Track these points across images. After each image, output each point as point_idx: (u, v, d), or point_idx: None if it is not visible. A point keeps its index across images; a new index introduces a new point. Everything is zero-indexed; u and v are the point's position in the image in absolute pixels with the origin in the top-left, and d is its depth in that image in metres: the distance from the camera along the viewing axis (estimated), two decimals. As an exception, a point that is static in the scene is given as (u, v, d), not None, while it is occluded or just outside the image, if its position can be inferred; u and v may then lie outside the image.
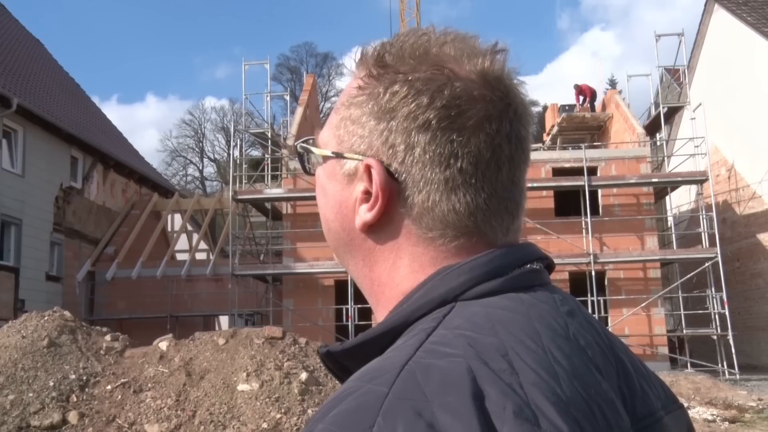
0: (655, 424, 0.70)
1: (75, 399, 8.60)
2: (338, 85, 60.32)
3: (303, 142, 0.82)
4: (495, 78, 0.73)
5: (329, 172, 0.78)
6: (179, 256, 24.40)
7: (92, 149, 22.70)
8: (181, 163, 57.58)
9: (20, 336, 9.51)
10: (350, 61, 0.80)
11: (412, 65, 0.72)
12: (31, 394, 8.45)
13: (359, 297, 19.33)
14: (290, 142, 20.75)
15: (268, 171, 22.19)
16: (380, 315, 0.75)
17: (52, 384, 8.72)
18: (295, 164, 20.01)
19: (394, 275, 0.74)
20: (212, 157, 57.50)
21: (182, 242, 25.51)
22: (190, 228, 26.20)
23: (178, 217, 26.10)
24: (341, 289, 19.54)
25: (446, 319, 0.66)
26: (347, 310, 18.78)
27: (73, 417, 8.22)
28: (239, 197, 19.64)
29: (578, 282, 19.05)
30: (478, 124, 0.70)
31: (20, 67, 22.63)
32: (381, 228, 0.74)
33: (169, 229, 26.65)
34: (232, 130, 23.79)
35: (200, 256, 24.42)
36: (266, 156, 22.37)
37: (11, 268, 18.63)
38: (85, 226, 22.32)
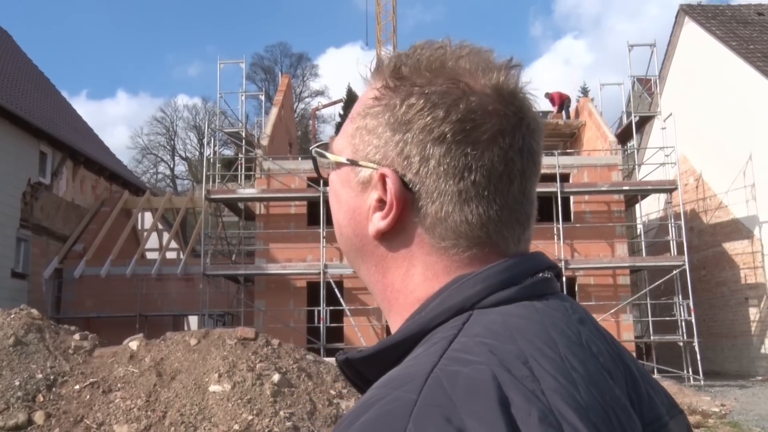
0: (661, 429, 0.72)
1: (42, 399, 8.45)
2: (312, 86, 60.08)
3: (318, 146, 0.84)
4: (509, 93, 0.75)
5: (343, 179, 0.80)
6: (149, 255, 24.11)
7: (62, 145, 22.32)
8: (152, 160, 56.95)
9: (-15, 334, 9.33)
10: (365, 70, 0.82)
11: (428, 78, 0.74)
12: (-5, 394, 8.29)
13: (331, 299, 19.30)
14: (264, 142, 20.64)
15: (241, 171, 22.06)
16: (393, 321, 0.77)
17: (17, 383, 8.56)
18: (269, 164, 19.93)
19: (408, 282, 0.75)
20: (184, 155, 56.98)
21: (153, 241, 25.21)
22: (161, 227, 25.90)
23: (148, 215, 25.80)
24: (313, 290, 19.49)
25: (465, 327, 0.67)
26: (319, 312, 18.73)
27: (39, 417, 8.09)
28: (212, 197, 19.49)
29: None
30: (493, 138, 0.72)
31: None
32: (394, 236, 0.76)
33: (140, 227, 26.32)
34: (205, 128, 23.63)
35: (171, 255, 24.16)
36: (240, 156, 22.23)
37: (-25, 264, 18.25)
38: (53, 222, 21.93)
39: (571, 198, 20.15)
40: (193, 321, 22.64)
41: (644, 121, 22.70)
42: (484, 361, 0.62)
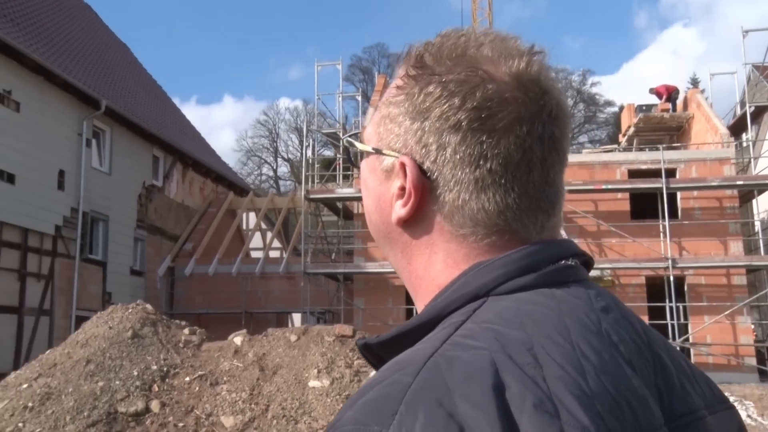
0: (695, 422, 0.70)
1: (156, 389, 8.97)
2: (410, 86, 60.39)
3: (349, 136, 0.86)
4: (530, 80, 0.74)
5: (370, 166, 0.81)
6: (254, 254, 25.02)
7: (172, 148, 23.56)
8: (256, 162, 58.95)
9: (107, 327, 9.99)
10: (397, 59, 0.83)
11: (448, 66, 0.74)
12: (117, 382, 8.86)
13: (429, 297, 19.32)
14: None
15: (339, 171, 22.48)
16: (419, 307, 0.78)
17: (136, 373, 9.11)
18: (367, 164, 20.22)
19: (430, 269, 0.76)
20: (286, 156, 58.63)
21: (256, 240, 26.14)
22: (264, 226, 26.81)
23: (252, 215, 26.76)
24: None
25: (476, 313, 0.68)
26: (416, 310, 18.81)
27: (155, 406, 8.58)
28: (311, 196, 19.97)
29: (655, 287, 18.48)
30: (508, 126, 0.72)
31: (108, 70, 23.71)
32: (416, 223, 0.76)
33: (244, 227, 27.36)
34: (304, 130, 24.23)
35: (274, 254, 24.95)
36: (338, 156, 22.66)
37: (99, 262, 19.57)
38: (166, 222, 23.19)
39: (678, 194, 19.23)
40: (296, 318, 23.31)
41: (761, 112, 21.38)
42: (485, 346, 0.63)
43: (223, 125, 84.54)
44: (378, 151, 0.79)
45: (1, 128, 15.95)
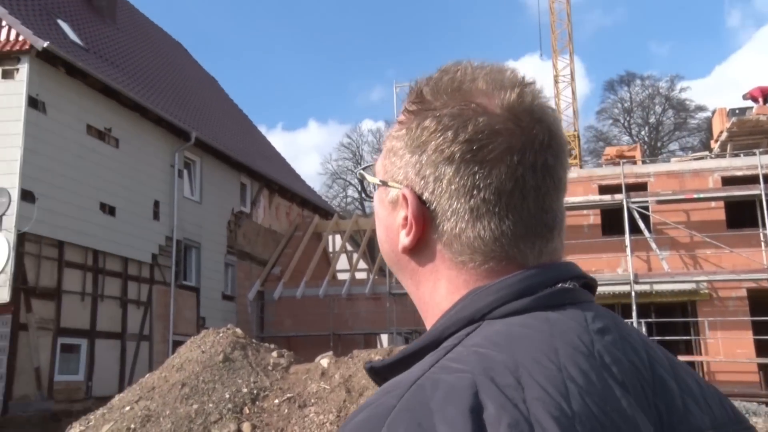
0: None
1: (247, 411, 9.23)
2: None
3: (363, 169, 0.89)
4: (522, 110, 0.76)
5: (380, 198, 0.85)
6: (340, 276, 25.39)
7: (259, 175, 24.36)
8: (341, 185, 59.96)
9: (200, 351, 10.39)
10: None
11: (444, 101, 0.78)
12: (210, 405, 9.18)
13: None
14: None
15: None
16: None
17: (227, 396, 9.42)
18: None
19: (435, 295, 0.79)
20: (369, 178, 59.23)
21: (342, 262, 26.53)
22: (349, 248, 27.20)
23: (338, 237, 27.20)
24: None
25: (468, 337, 0.70)
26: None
27: (246, 428, 8.83)
28: (394, 217, 20.09)
29: (759, 299, 17.50)
30: (499, 157, 0.74)
31: (198, 102, 24.85)
32: (420, 252, 0.79)
33: (330, 249, 27.84)
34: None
35: (360, 275, 25.25)
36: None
37: (193, 288, 20.40)
38: (254, 248, 23.93)
39: (779, 201, 18.21)
40: (384, 339, 23.42)
41: None
42: (468, 369, 0.65)
43: (308, 150, 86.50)
44: (384, 183, 0.83)
45: (103, 164, 16.97)
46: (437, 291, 0.79)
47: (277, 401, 9.30)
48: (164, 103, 20.37)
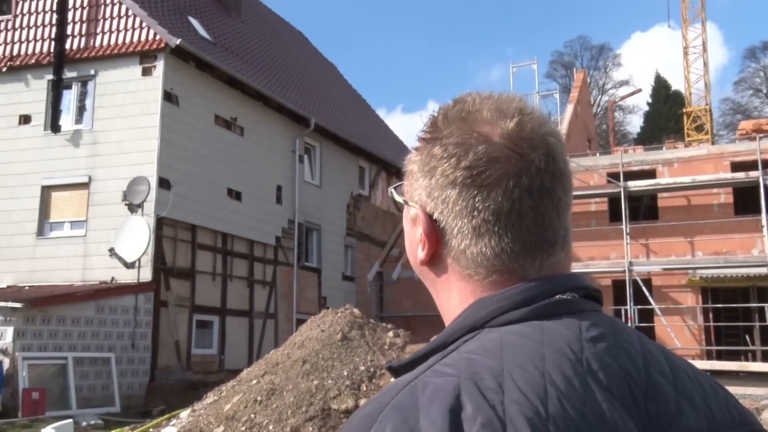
0: None
1: (364, 388, 9.58)
2: (616, 77, 57.03)
3: (394, 188, 0.98)
4: (520, 138, 0.83)
5: (405, 214, 0.93)
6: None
7: (377, 158, 24.83)
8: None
9: (320, 330, 10.86)
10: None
11: (451, 129, 0.86)
12: (330, 381, 9.59)
13: (639, 298, 18.41)
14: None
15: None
16: None
17: (345, 373, 9.80)
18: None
19: (449, 303, 0.87)
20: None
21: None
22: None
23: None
24: (619, 289, 18.78)
25: (465, 344, 0.77)
26: (626, 311, 18.00)
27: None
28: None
29: None
30: (496, 182, 0.81)
31: (318, 89, 25.62)
32: (435, 264, 0.88)
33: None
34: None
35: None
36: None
37: (315, 269, 21.23)
38: (373, 230, 24.49)
39: None
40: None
41: None
42: (456, 373, 0.72)
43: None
44: (405, 203, 0.92)
45: (230, 152, 17.97)
46: (451, 299, 0.87)
47: (392, 380, 9.59)
48: (285, 91, 21.18)
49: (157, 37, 16.47)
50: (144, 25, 16.73)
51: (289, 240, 19.90)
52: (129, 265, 15.37)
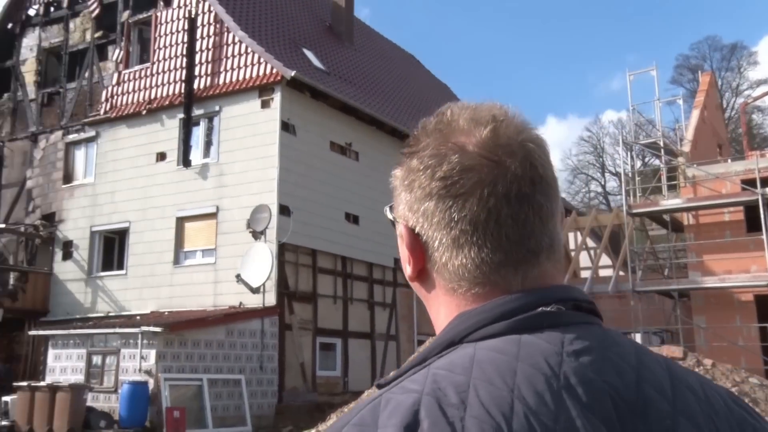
0: None
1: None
2: (752, 77, 53.29)
3: (389, 206, 0.95)
4: (495, 145, 0.81)
5: (396, 231, 0.92)
6: (583, 274, 24.62)
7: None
8: (583, 180, 57.90)
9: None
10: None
11: (428, 142, 0.85)
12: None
13: (786, 313, 17.01)
14: (686, 148, 19.44)
15: (664, 181, 21.10)
16: None
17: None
18: (693, 171, 18.68)
19: (439, 318, 0.85)
20: (613, 171, 56.59)
21: (584, 259, 25.70)
22: (591, 244, 26.27)
23: (578, 234, 26.40)
24: (763, 305, 17.43)
25: (439, 360, 0.76)
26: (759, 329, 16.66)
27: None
28: (634, 211, 19.08)
29: None
30: (470, 191, 0.80)
31: (431, 110, 25.33)
32: (424, 280, 0.86)
33: (571, 246, 27.10)
34: (620, 143, 23.31)
35: (604, 272, 24.26)
36: (661, 166, 21.31)
37: (433, 288, 21.25)
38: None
39: None
40: (638, 338, 22.24)
41: None
42: (419, 389, 0.71)
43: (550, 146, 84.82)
44: (394, 220, 0.91)
45: (346, 176, 18.47)
46: (440, 314, 0.85)
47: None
48: (399, 114, 21.54)
49: (274, 71, 17.29)
50: (262, 60, 17.63)
51: (407, 261, 20.07)
52: (254, 290, 16.09)
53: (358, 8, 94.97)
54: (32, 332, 17.13)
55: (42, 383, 14.19)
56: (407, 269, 0.87)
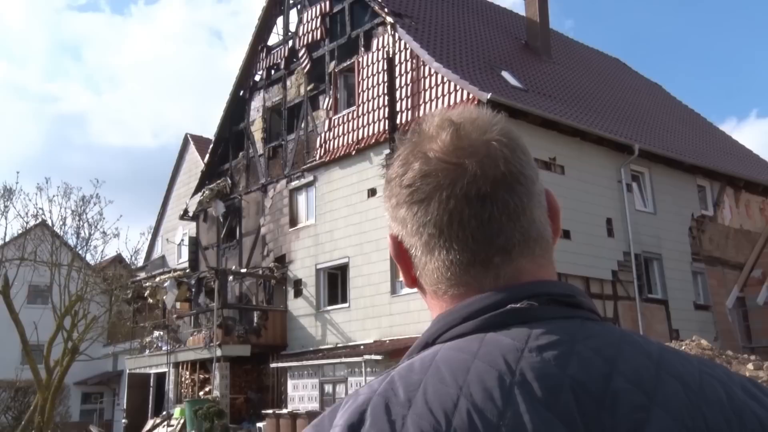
0: None
1: None
2: None
3: None
4: (454, 147, 0.82)
5: None
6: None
7: (718, 174, 22.51)
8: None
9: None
10: None
11: (400, 152, 0.87)
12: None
13: None
14: None
15: None
16: None
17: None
18: None
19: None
20: None
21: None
22: None
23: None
24: None
25: (405, 361, 0.78)
26: None
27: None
28: None
29: None
30: (431, 195, 0.81)
31: (641, 113, 24.41)
32: (420, 287, 0.88)
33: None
34: None
35: None
36: None
37: (661, 300, 19.82)
38: (725, 252, 22.02)
39: None
40: None
41: None
42: (374, 389, 0.74)
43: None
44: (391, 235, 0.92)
45: (552, 191, 18.00)
46: (433, 317, 0.86)
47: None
48: (603, 122, 20.64)
49: (471, 96, 17.53)
50: (458, 87, 17.97)
51: (627, 273, 18.99)
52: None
53: (560, 20, 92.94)
54: (273, 365, 18.85)
55: (284, 411, 15.54)
56: (403, 278, 0.90)
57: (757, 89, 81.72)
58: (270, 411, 15.46)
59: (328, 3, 22.60)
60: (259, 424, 16.00)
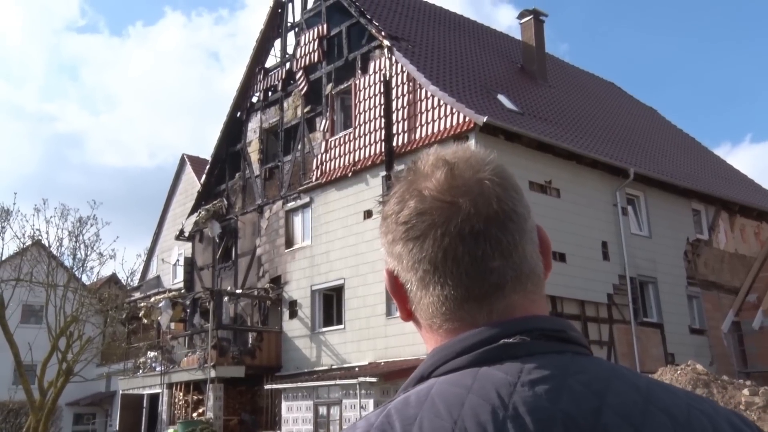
0: None
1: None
2: None
3: None
4: (449, 187, 0.84)
5: None
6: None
7: (713, 198, 22.62)
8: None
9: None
10: None
11: (396, 189, 0.90)
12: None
13: None
14: None
15: None
16: None
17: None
18: None
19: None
20: None
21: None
22: None
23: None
24: None
25: (401, 395, 0.80)
26: None
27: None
28: None
29: None
30: (425, 233, 0.83)
31: (636, 137, 24.57)
32: (416, 320, 0.90)
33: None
34: None
35: None
36: None
37: (656, 324, 19.80)
38: (720, 276, 22.06)
39: None
40: None
41: None
42: (371, 423, 0.77)
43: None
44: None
45: (548, 215, 18.07)
46: (428, 350, 0.88)
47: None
48: (599, 145, 20.76)
49: (467, 119, 17.61)
50: (454, 110, 18.06)
51: (622, 296, 19.00)
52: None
53: (555, 44, 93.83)
54: (267, 386, 18.73)
55: (278, 433, 15.41)
56: (399, 312, 0.92)
57: (751, 114, 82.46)
58: (264, 434, 15.38)
59: (325, 26, 22.78)
60: (254, 447, 15.91)
